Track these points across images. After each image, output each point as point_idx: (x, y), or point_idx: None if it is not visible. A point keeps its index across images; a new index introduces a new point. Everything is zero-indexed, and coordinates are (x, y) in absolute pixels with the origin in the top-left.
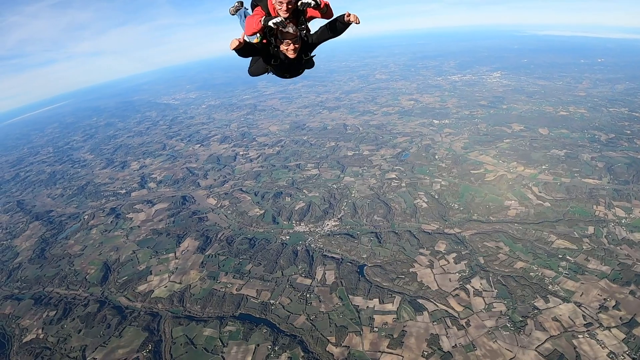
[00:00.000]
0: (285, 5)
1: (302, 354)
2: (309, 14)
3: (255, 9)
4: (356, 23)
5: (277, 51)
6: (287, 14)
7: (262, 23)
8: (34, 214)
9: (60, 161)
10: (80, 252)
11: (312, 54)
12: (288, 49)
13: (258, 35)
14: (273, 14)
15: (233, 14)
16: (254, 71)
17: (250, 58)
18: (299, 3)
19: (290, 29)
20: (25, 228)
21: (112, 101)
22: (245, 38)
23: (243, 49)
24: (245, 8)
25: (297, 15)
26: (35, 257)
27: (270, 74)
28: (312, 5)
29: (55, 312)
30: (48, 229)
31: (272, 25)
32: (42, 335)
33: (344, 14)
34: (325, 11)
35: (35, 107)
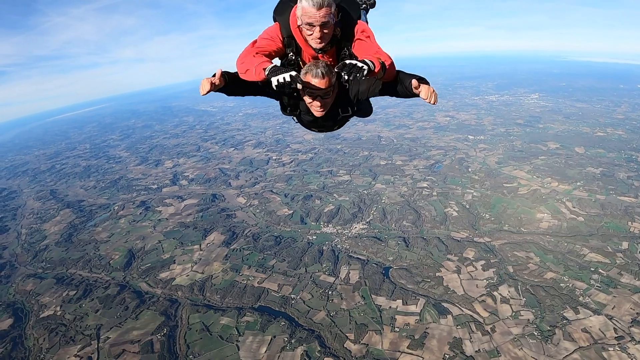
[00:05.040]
0: (318, 30)
1: (319, 348)
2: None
3: (272, 26)
4: (430, 102)
5: (296, 98)
6: (322, 44)
7: (266, 75)
8: (65, 202)
9: (95, 156)
10: (106, 239)
11: (353, 109)
12: (312, 105)
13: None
14: (297, 37)
15: None
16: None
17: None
18: (343, 69)
19: (320, 69)
20: (56, 214)
21: (151, 106)
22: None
23: (227, 89)
24: None
25: (339, 46)
26: (63, 240)
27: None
28: (364, 73)
29: (75, 292)
30: (78, 217)
31: (279, 84)
32: (59, 313)
33: (411, 82)
34: (382, 75)
35: (76, 108)
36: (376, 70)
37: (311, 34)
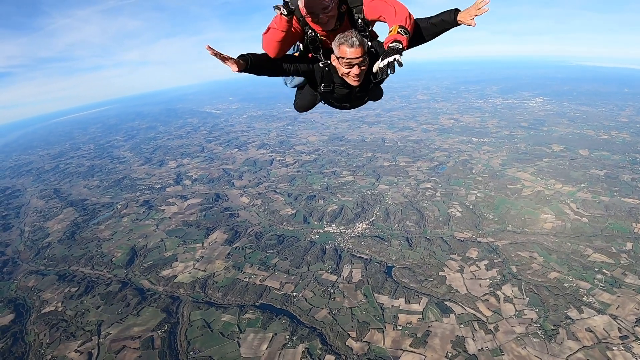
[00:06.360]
0: (322, 16)
1: (320, 345)
2: (370, 17)
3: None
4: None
5: (330, 72)
6: (331, 26)
7: (285, 13)
8: (69, 201)
9: (99, 157)
10: (109, 236)
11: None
12: (350, 74)
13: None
14: (308, 20)
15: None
16: (300, 105)
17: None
18: (388, 67)
19: (354, 39)
20: (59, 212)
21: (155, 107)
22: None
23: (253, 68)
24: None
25: (351, 17)
26: (65, 238)
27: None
28: (402, 52)
29: (77, 288)
30: (81, 215)
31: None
32: (60, 308)
33: (454, 11)
34: (410, 36)
35: (80, 110)
36: (404, 45)
37: (317, 21)
